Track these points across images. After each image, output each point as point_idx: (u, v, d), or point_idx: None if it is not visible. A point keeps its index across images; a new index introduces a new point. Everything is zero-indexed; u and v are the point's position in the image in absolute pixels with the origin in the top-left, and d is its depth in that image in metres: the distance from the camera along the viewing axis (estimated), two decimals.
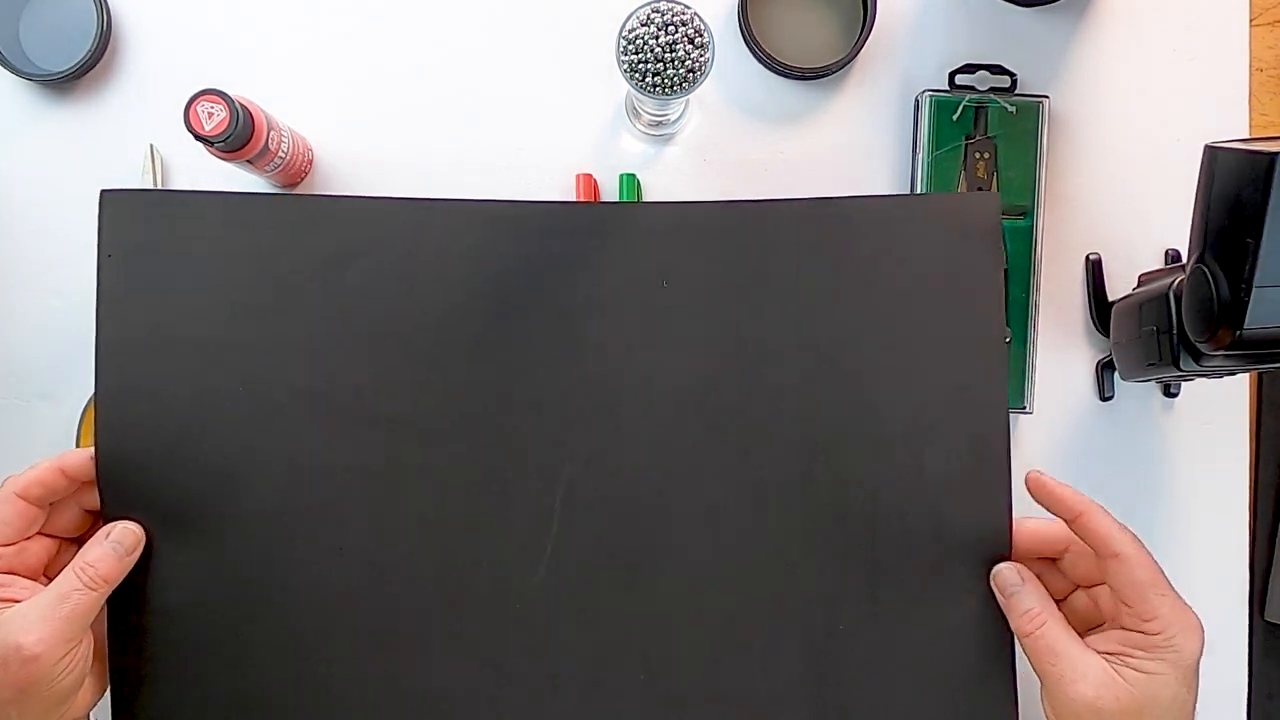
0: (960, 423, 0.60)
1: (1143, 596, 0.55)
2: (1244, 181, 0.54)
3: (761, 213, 0.62)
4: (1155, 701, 0.54)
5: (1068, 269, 0.75)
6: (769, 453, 0.60)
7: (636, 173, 0.74)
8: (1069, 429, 0.75)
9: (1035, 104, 0.73)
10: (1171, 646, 0.55)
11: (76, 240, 0.74)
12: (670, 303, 0.61)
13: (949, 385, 0.60)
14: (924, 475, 0.60)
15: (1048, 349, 0.74)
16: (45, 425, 0.74)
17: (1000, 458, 0.60)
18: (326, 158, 0.75)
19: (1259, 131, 0.75)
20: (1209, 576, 0.75)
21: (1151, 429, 0.75)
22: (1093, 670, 0.55)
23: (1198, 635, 0.55)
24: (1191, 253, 0.58)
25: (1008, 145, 0.73)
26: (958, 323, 0.60)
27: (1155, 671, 0.55)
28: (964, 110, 0.73)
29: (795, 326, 0.60)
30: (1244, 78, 0.75)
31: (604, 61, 0.72)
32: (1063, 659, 0.55)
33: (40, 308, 0.74)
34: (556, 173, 0.74)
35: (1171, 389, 0.75)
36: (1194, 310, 0.59)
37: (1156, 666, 0.55)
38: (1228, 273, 0.55)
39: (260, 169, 0.69)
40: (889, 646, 0.60)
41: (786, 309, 0.60)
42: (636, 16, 0.63)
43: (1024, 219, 0.73)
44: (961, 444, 0.60)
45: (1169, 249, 0.75)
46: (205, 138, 0.63)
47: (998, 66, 0.74)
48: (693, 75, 0.63)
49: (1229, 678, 0.75)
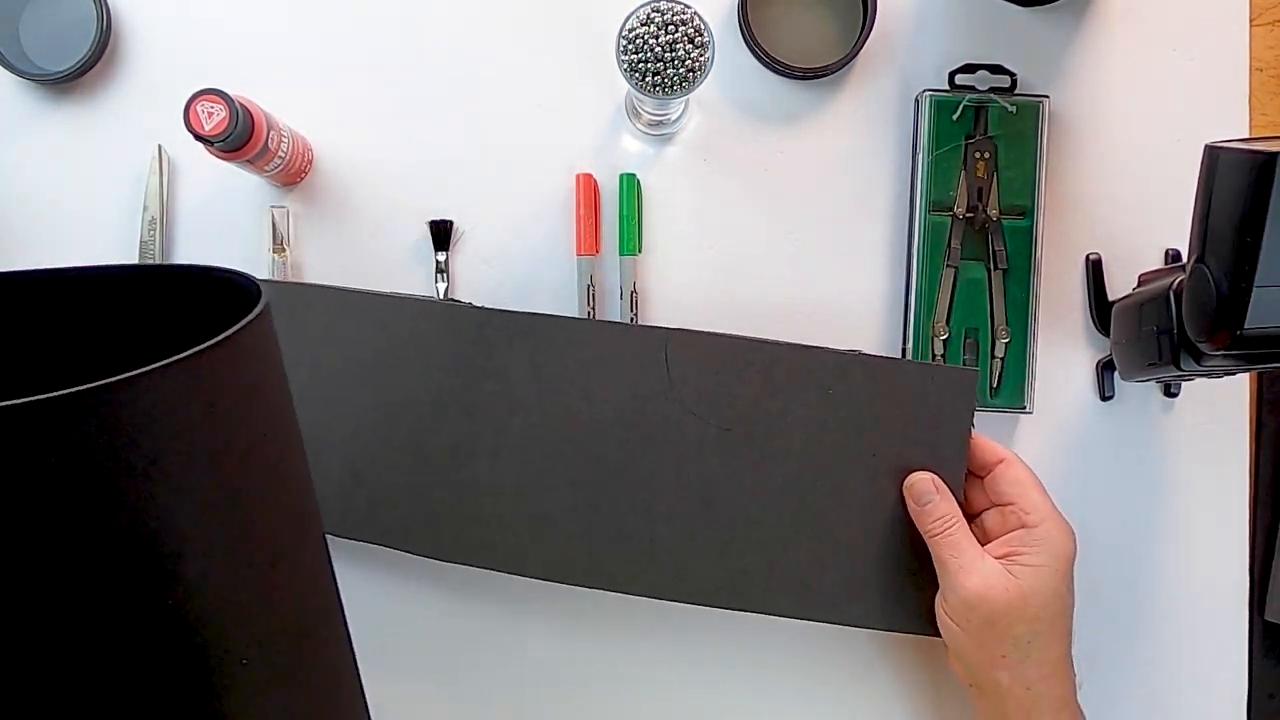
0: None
1: (1024, 493, 0.65)
2: (1244, 181, 0.54)
3: (750, 351, 0.67)
4: (1037, 593, 0.63)
5: (1068, 269, 0.75)
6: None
7: (636, 172, 0.74)
8: (1069, 429, 0.75)
9: (1035, 104, 0.73)
10: (1049, 538, 0.64)
11: (77, 240, 0.74)
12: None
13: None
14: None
15: (1048, 349, 0.74)
16: None
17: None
18: (326, 158, 0.75)
19: (1259, 131, 0.75)
20: (1209, 576, 0.75)
21: (1151, 429, 0.75)
22: (987, 566, 0.64)
23: (1070, 535, 0.64)
24: (1191, 253, 0.58)
25: (1008, 145, 0.73)
26: (923, 460, 0.67)
27: (1037, 564, 0.63)
28: (964, 110, 0.73)
29: (778, 455, 0.67)
30: (1244, 78, 0.75)
31: (604, 61, 0.72)
32: (964, 554, 0.64)
33: None
34: (556, 173, 0.74)
35: (1171, 389, 0.75)
36: (1194, 310, 0.59)
37: (1037, 559, 0.63)
38: (1228, 273, 0.55)
39: (260, 169, 0.69)
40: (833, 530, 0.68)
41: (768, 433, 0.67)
42: (636, 16, 0.63)
43: (1024, 219, 0.73)
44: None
45: (1169, 249, 0.75)
46: (205, 137, 0.63)
47: (998, 66, 0.74)
48: (693, 75, 0.63)
49: (1229, 678, 0.75)
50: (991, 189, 0.73)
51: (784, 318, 0.74)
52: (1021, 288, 0.73)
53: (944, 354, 0.73)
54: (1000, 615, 0.63)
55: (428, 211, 0.74)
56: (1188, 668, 0.75)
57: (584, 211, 0.74)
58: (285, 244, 0.74)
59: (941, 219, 0.73)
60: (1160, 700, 0.74)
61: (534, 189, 0.75)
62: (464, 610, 0.74)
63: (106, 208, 0.74)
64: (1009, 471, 0.66)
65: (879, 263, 0.75)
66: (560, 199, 0.75)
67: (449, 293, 0.74)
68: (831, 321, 0.75)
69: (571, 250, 0.75)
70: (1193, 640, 0.75)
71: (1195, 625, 0.74)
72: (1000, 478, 0.66)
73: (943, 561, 0.65)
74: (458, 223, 0.74)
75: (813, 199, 0.75)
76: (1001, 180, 0.73)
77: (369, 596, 0.74)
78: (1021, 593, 0.63)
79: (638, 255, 0.74)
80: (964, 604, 0.63)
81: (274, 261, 0.73)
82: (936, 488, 0.66)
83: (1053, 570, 0.63)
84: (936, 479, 0.66)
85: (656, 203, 0.75)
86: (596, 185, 0.74)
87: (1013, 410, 0.73)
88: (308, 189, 0.75)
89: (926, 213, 0.73)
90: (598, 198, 0.74)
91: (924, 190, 0.73)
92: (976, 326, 0.73)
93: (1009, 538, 0.65)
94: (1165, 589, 0.74)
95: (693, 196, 0.75)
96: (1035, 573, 0.63)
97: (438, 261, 0.74)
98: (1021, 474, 0.66)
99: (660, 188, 0.75)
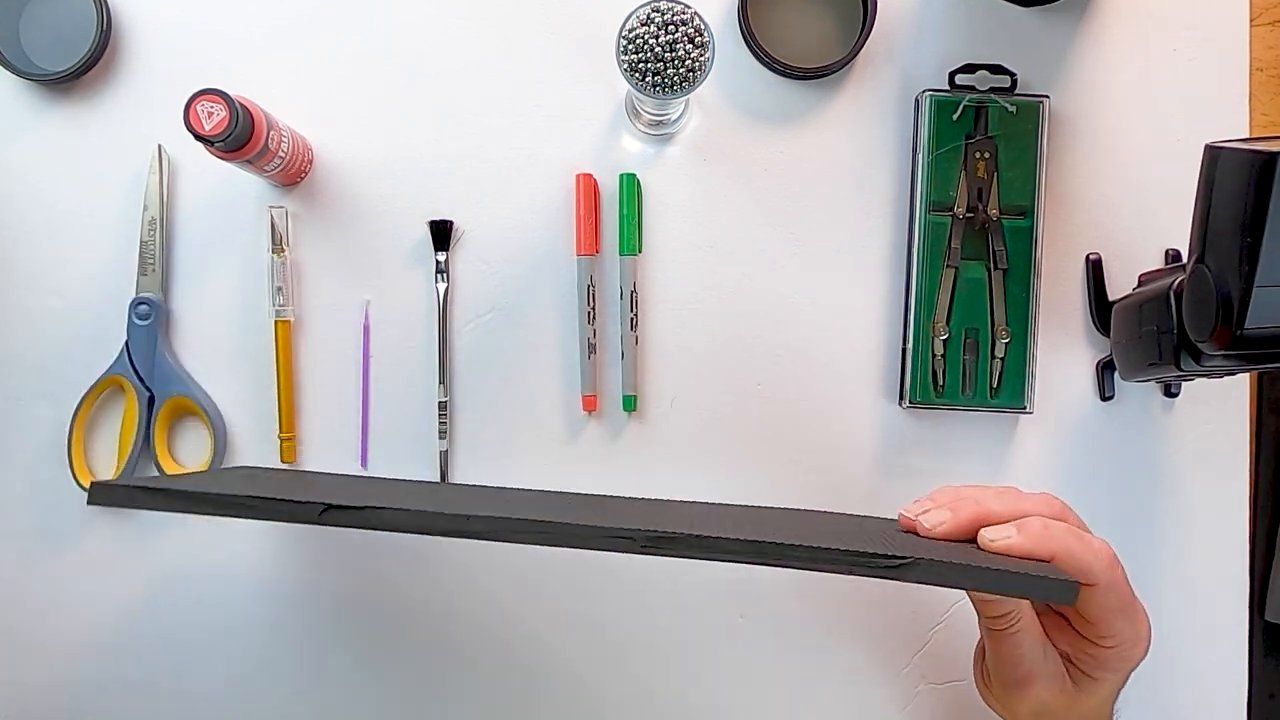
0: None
1: (1107, 620, 0.55)
2: (1244, 181, 0.54)
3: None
4: (1096, 699, 0.58)
5: (1068, 269, 0.75)
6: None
7: (636, 172, 0.74)
8: (1069, 429, 0.75)
9: (1035, 104, 0.73)
10: (1122, 659, 0.56)
11: (76, 240, 0.74)
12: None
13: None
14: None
15: (1048, 349, 0.74)
16: (44, 425, 0.74)
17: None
18: (326, 158, 0.75)
19: (1259, 131, 0.75)
20: (1209, 576, 0.75)
21: (1151, 429, 0.75)
22: (1048, 669, 0.57)
23: (1146, 644, 0.57)
24: (1191, 253, 0.58)
25: (1008, 145, 0.73)
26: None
27: (1101, 678, 0.57)
28: (964, 110, 0.73)
29: None
30: (1244, 78, 0.75)
31: (604, 61, 0.72)
32: (1026, 658, 0.57)
33: (40, 308, 0.74)
34: (557, 173, 0.74)
35: (1171, 389, 0.75)
36: (1194, 310, 0.59)
37: (1105, 675, 0.57)
38: (1228, 273, 0.55)
39: (260, 169, 0.69)
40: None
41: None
42: (636, 16, 0.63)
43: (1024, 219, 0.73)
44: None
45: (1169, 249, 0.75)
46: (205, 137, 0.63)
47: (998, 66, 0.74)
48: (693, 75, 0.63)
49: (1229, 678, 0.75)
50: (991, 189, 0.73)
51: (784, 318, 0.75)
52: (1021, 288, 0.73)
53: (944, 354, 0.73)
54: (1050, 710, 0.58)
55: (428, 211, 0.74)
56: (1188, 668, 0.75)
57: (584, 211, 0.74)
58: (285, 244, 0.74)
59: (941, 219, 0.73)
60: (1160, 700, 0.74)
61: (534, 189, 0.75)
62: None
63: (106, 208, 0.74)
64: (1095, 600, 0.54)
65: (879, 263, 0.75)
66: (560, 199, 0.75)
67: (449, 293, 0.74)
68: (832, 322, 0.75)
69: (571, 250, 0.75)
70: (1193, 640, 0.75)
71: (1195, 625, 0.74)
72: (1085, 604, 0.55)
73: (999, 655, 0.58)
74: (458, 223, 0.74)
75: (813, 199, 0.75)
76: (1001, 180, 0.73)
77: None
78: (1075, 697, 0.58)
79: (638, 255, 0.74)
80: (1012, 695, 0.58)
81: (273, 262, 0.73)
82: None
83: (1117, 682, 0.58)
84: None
85: (656, 203, 0.75)
86: (596, 185, 0.74)
87: (1013, 410, 0.73)
88: (308, 189, 0.75)
89: (926, 213, 0.73)
90: (598, 198, 0.74)
91: (924, 190, 0.73)
92: (976, 326, 0.73)
93: (1075, 642, 0.57)
94: (1165, 589, 0.74)
95: (693, 196, 0.75)
96: (1097, 684, 0.57)
97: (438, 261, 0.74)
98: (1108, 595, 0.54)
99: (660, 188, 0.75)
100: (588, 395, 0.74)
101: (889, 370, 0.75)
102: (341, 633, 0.75)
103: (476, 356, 0.75)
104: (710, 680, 0.75)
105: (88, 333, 0.74)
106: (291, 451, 0.74)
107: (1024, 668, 0.57)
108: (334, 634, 0.75)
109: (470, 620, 0.75)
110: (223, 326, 0.75)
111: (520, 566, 0.74)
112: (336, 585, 0.75)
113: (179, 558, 0.74)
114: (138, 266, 0.74)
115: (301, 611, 0.75)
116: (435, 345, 0.74)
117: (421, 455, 0.74)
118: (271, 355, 0.74)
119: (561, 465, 0.74)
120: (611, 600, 0.74)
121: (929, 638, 0.75)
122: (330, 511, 0.55)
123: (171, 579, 0.74)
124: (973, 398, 0.73)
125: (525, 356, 0.75)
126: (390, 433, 0.75)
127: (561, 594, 0.74)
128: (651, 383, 0.75)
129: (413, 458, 0.74)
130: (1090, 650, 0.57)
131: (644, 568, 0.74)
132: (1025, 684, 0.57)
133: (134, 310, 0.73)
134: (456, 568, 0.74)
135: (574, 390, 0.74)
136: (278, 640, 0.75)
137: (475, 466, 0.74)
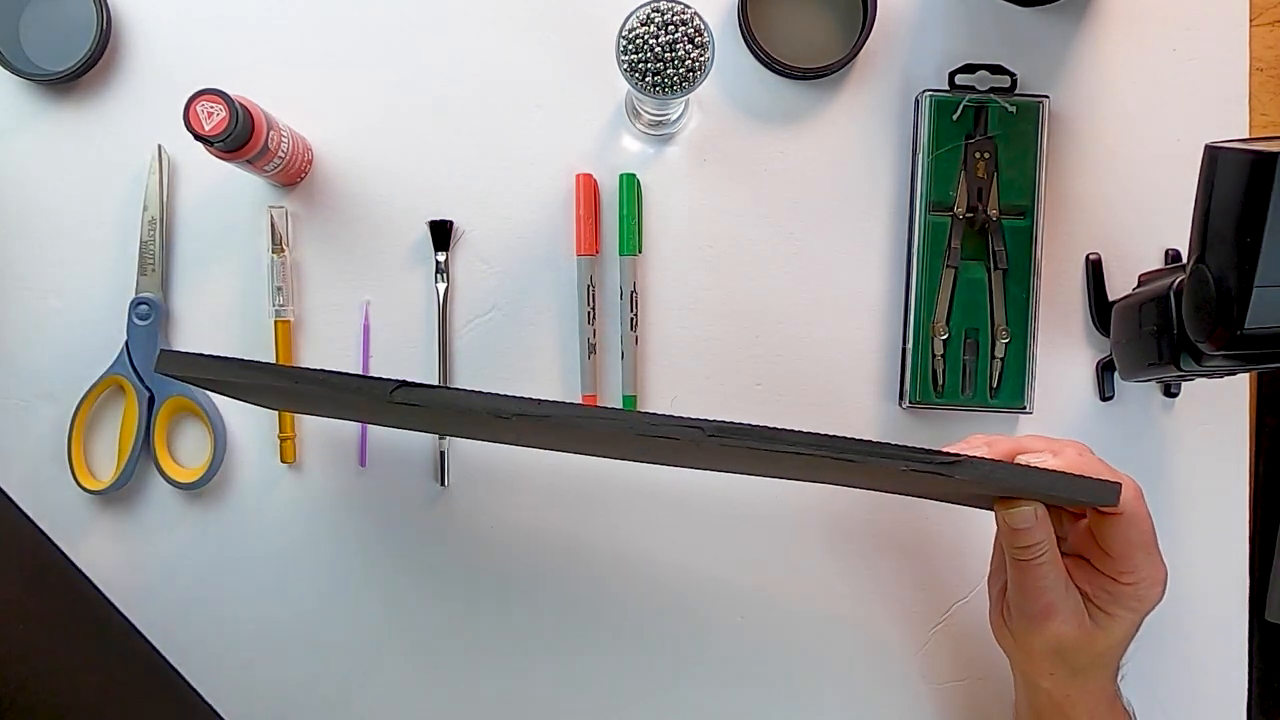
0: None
1: (1130, 554, 0.58)
2: (1244, 181, 0.54)
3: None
4: (1108, 636, 0.60)
5: (1068, 269, 0.75)
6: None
7: (636, 172, 0.74)
8: (1069, 429, 0.75)
9: (1035, 104, 0.73)
10: (1139, 598, 0.59)
11: (76, 240, 0.74)
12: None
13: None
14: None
15: (1048, 349, 0.74)
16: (44, 425, 0.74)
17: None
18: (326, 158, 0.75)
19: (1259, 131, 0.75)
20: (1209, 576, 0.75)
21: (1151, 429, 0.75)
22: (1069, 603, 0.59)
23: (1162, 587, 0.59)
24: (1191, 253, 0.58)
25: (1008, 145, 0.73)
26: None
27: (1120, 616, 0.59)
28: (964, 110, 0.73)
29: None
30: (1244, 78, 0.75)
31: (604, 61, 0.72)
32: (1049, 590, 0.59)
33: (40, 308, 0.74)
34: (556, 173, 0.74)
35: (1171, 389, 0.75)
36: (1194, 310, 0.59)
37: (1121, 612, 0.59)
38: (1227, 273, 0.55)
39: (260, 169, 0.69)
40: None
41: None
42: (636, 16, 0.63)
43: (1024, 219, 0.73)
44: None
45: (1169, 249, 0.75)
46: (205, 137, 0.63)
47: (998, 66, 0.74)
48: (693, 75, 0.63)
49: (1229, 678, 0.75)
50: (991, 189, 0.73)
51: (784, 318, 0.75)
52: (1021, 288, 0.73)
53: (944, 354, 0.73)
54: (1066, 647, 0.60)
55: (428, 211, 0.74)
56: (1188, 668, 0.75)
57: (584, 211, 0.74)
58: (285, 244, 0.74)
59: (941, 219, 0.73)
60: (1160, 700, 0.74)
61: (534, 189, 0.75)
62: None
63: (106, 208, 0.74)
64: (1119, 530, 0.58)
65: (879, 263, 0.75)
66: (560, 199, 0.75)
67: (449, 292, 0.74)
68: (831, 322, 0.75)
69: (571, 250, 0.75)
70: (1193, 640, 0.75)
71: (1195, 625, 0.74)
72: (1109, 535, 0.58)
73: (1022, 586, 0.60)
74: (458, 223, 0.74)
75: (813, 199, 0.75)
76: (1001, 180, 0.73)
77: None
78: (1092, 634, 0.60)
79: (638, 255, 0.74)
80: (1031, 628, 0.60)
81: (273, 262, 0.73)
82: (1037, 515, 0.57)
83: (1132, 621, 0.60)
84: (1041, 508, 0.57)
85: (656, 203, 0.75)
86: (596, 185, 0.74)
87: (1013, 410, 0.73)
88: (308, 189, 0.75)
89: (926, 213, 0.73)
90: (598, 198, 0.74)
91: (924, 190, 0.73)
92: (976, 326, 0.73)
93: (1094, 578, 0.60)
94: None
95: (693, 196, 0.75)
96: (1114, 621, 0.59)
97: (438, 261, 0.74)
98: (1134, 529, 0.57)
99: (660, 188, 0.75)
100: (588, 395, 0.74)
101: (889, 370, 0.75)
102: (341, 638, 0.75)
103: (476, 356, 0.75)
104: (710, 680, 0.75)
105: (88, 333, 0.74)
106: (291, 451, 0.74)
107: (1046, 599, 0.59)
108: (334, 633, 0.75)
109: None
110: (223, 326, 0.75)
111: (517, 572, 0.74)
112: (336, 598, 0.75)
113: (179, 558, 0.74)
114: (138, 266, 0.74)
115: (301, 610, 0.75)
116: (435, 345, 0.74)
117: (421, 455, 0.74)
118: (271, 355, 0.74)
119: (561, 465, 0.74)
120: (612, 600, 0.75)
121: (929, 638, 0.75)
122: (403, 389, 0.55)
123: (171, 579, 0.75)
124: (973, 398, 0.73)
125: (525, 356, 0.75)
126: (390, 433, 0.74)
127: (566, 580, 0.74)
128: (651, 383, 0.75)
129: (413, 458, 0.74)
130: (1109, 587, 0.59)
131: (644, 568, 0.74)
132: (1046, 616, 0.59)
133: (134, 310, 0.73)
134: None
135: (574, 390, 0.74)
136: (278, 639, 0.75)
137: (475, 466, 0.75)
